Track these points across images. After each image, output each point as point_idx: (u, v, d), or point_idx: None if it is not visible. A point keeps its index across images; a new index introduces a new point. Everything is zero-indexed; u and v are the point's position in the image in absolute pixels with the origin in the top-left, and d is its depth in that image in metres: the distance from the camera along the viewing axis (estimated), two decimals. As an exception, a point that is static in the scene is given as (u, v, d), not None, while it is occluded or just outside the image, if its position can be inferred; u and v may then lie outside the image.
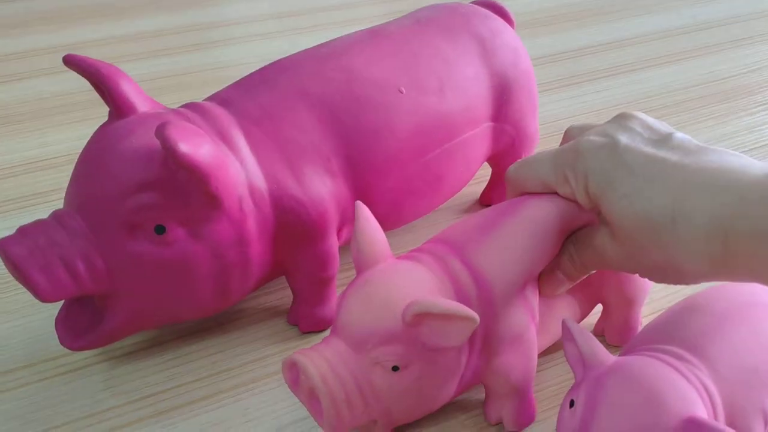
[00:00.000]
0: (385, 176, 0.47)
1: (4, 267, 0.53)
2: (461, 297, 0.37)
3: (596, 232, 0.38)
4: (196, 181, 0.38)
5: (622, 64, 0.82)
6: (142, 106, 0.42)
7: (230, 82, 0.77)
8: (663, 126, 0.38)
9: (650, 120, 0.38)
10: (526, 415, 0.41)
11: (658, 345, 0.37)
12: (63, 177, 0.62)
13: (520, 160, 0.43)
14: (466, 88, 0.50)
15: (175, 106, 0.73)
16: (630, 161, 0.36)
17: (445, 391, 0.38)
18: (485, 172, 0.63)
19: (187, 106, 0.44)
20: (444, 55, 0.50)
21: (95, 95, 0.74)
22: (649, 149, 0.36)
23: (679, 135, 0.37)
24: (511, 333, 0.38)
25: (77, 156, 0.65)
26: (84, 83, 0.76)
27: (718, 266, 0.33)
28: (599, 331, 0.47)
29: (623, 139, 0.37)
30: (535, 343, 0.40)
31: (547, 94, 0.76)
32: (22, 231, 0.39)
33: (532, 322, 0.39)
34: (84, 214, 0.39)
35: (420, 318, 0.34)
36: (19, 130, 0.68)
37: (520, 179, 0.41)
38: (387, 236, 0.56)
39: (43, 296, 0.38)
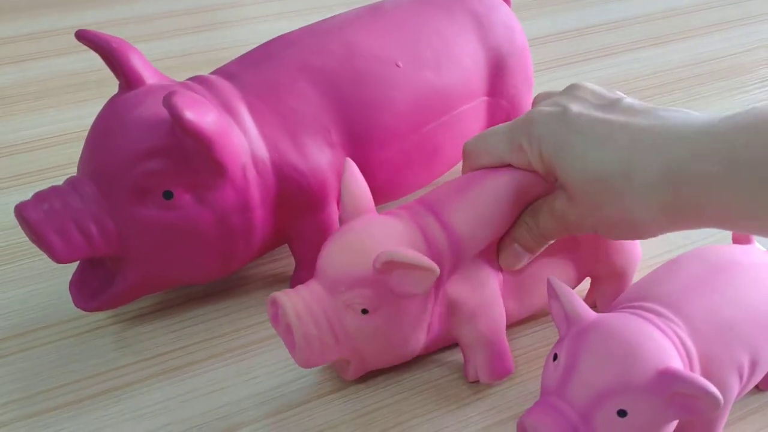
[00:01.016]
0: (384, 148, 0.49)
1: (19, 236, 0.55)
2: (432, 249, 0.40)
3: (554, 198, 0.40)
4: (201, 148, 0.40)
5: (620, 44, 0.84)
6: (150, 78, 0.44)
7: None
8: (611, 93, 0.40)
9: (598, 88, 0.41)
10: (500, 366, 0.43)
11: (638, 302, 0.39)
12: (78, 151, 0.64)
13: (477, 134, 0.44)
14: (461, 63, 0.52)
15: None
16: (581, 125, 0.38)
17: (414, 337, 0.40)
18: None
19: (193, 79, 0.46)
20: (441, 32, 0.52)
21: (106, 74, 0.76)
22: (598, 113, 0.38)
23: (627, 99, 0.39)
24: (475, 281, 0.41)
25: (77, 135, 0.67)
26: (94, 63, 0.78)
27: (669, 214, 0.35)
28: (590, 304, 0.49)
29: (574, 107, 0.39)
30: (497, 294, 0.42)
31: (545, 73, 0.78)
32: (38, 196, 0.41)
33: (494, 275, 0.42)
34: (96, 181, 0.41)
35: (389, 266, 0.37)
36: (34, 108, 0.71)
37: (477, 151, 0.43)
38: (381, 208, 0.58)
39: (58, 257, 0.40)
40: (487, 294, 0.42)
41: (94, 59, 0.79)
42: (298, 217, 0.47)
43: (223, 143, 0.41)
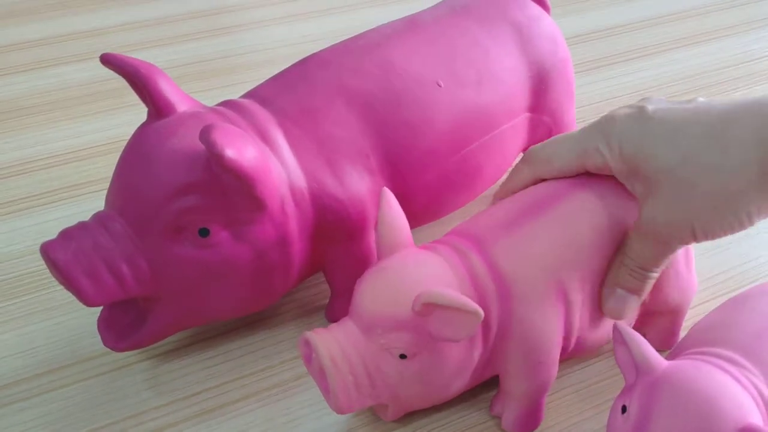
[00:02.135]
0: (423, 171, 0.47)
1: (41, 263, 0.53)
2: (478, 290, 0.37)
3: (640, 213, 0.38)
4: (241, 186, 0.38)
5: (656, 44, 0.81)
6: (181, 105, 0.41)
7: (253, 68, 0.76)
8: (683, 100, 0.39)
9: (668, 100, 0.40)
10: (529, 420, 0.41)
11: (709, 348, 0.36)
12: (94, 169, 0.62)
13: (545, 141, 0.43)
14: (503, 79, 0.49)
15: (201, 95, 0.72)
16: (662, 116, 0.37)
17: (456, 383, 0.38)
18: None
19: (225, 104, 0.44)
20: (481, 46, 0.49)
21: (122, 82, 0.74)
22: (677, 106, 0.38)
23: (702, 98, 0.38)
24: (530, 336, 0.38)
25: (108, 148, 0.64)
26: (109, 71, 0.76)
27: (766, 176, 0.34)
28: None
29: (650, 106, 0.38)
30: (556, 351, 0.39)
31: (578, 77, 0.75)
32: (65, 234, 0.39)
33: (558, 328, 0.39)
34: (127, 217, 0.39)
35: (428, 308, 0.34)
36: (48, 121, 0.68)
37: (547, 157, 0.41)
38: (420, 228, 0.55)
39: (88, 301, 0.38)
40: (546, 348, 0.39)
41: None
42: (336, 246, 0.45)
43: (264, 180, 0.38)
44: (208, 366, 0.46)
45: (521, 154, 0.58)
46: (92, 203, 0.58)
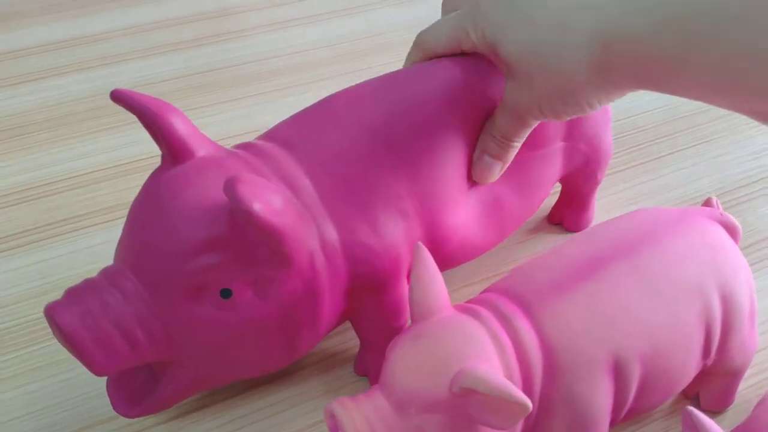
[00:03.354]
0: (457, 209, 0.43)
1: (41, 310, 0.49)
2: (523, 363, 0.34)
3: (503, 93, 0.41)
4: (268, 242, 0.34)
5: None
6: (198, 148, 0.38)
7: (263, 78, 0.72)
8: None
9: None
10: None
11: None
12: (101, 196, 0.58)
13: (434, 22, 0.45)
14: None
15: (208, 109, 0.68)
16: (521, 3, 0.38)
17: None
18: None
19: (244, 147, 0.40)
20: None
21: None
22: None
23: None
24: (577, 412, 0.35)
25: (115, 171, 0.60)
26: (114, 81, 0.71)
27: (603, 73, 0.35)
28: None
29: None
30: (604, 427, 0.36)
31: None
32: (72, 295, 0.35)
33: (608, 404, 0.36)
34: (140, 275, 0.35)
35: (468, 390, 0.31)
36: (46, 141, 0.64)
37: (428, 39, 0.44)
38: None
39: (98, 370, 0.35)
40: (593, 425, 0.35)
41: (115, 76, 0.72)
42: (367, 298, 0.41)
43: (293, 235, 0.35)
44: (234, 429, 0.42)
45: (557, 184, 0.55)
46: (99, 236, 0.54)
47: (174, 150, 0.37)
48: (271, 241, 0.34)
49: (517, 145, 0.42)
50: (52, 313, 0.34)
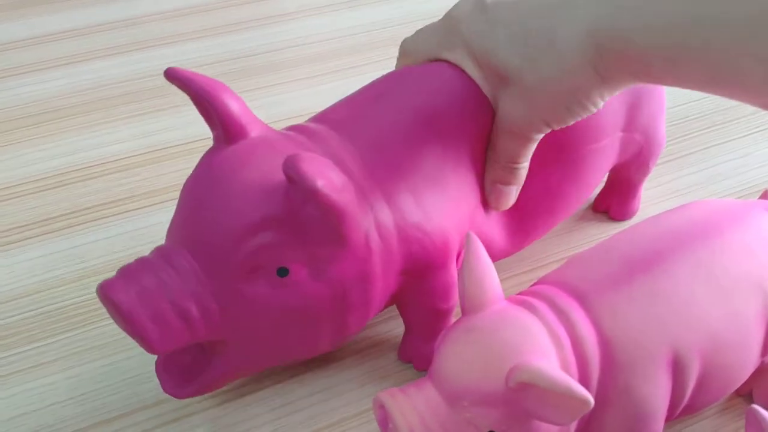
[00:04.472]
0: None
1: (83, 294, 0.48)
2: (579, 358, 0.33)
3: (497, 108, 0.39)
4: (328, 220, 0.34)
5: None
6: (252, 129, 0.37)
7: (300, 64, 0.71)
8: None
9: None
10: None
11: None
12: (138, 181, 0.57)
13: (416, 32, 0.44)
14: None
15: (245, 94, 0.67)
16: (502, 15, 0.38)
17: None
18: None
19: (294, 129, 0.40)
20: None
21: (163, 81, 0.69)
22: None
23: None
24: (634, 408, 0.34)
25: (152, 156, 0.60)
26: (150, 65, 0.71)
27: (601, 72, 0.35)
28: None
29: None
30: (660, 424, 0.35)
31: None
32: (126, 273, 0.34)
33: (665, 400, 0.35)
34: (195, 253, 0.35)
35: (525, 385, 0.30)
36: (81, 125, 0.63)
37: (414, 50, 0.43)
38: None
39: (154, 348, 0.34)
40: (650, 422, 0.34)
41: (150, 61, 0.71)
42: (417, 280, 0.40)
43: (353, 214, 0.34)
44: (275, 418, 0.41)
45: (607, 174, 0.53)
46: (136, 221, 0.54)
47: (228, 129, 0.36)
48: (332, 218, 0.34)
49: (526, 165, 0.41)
50: (107, 290, 0.33)
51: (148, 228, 0.53)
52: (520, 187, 0.42)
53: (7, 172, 0.58)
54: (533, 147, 0.40)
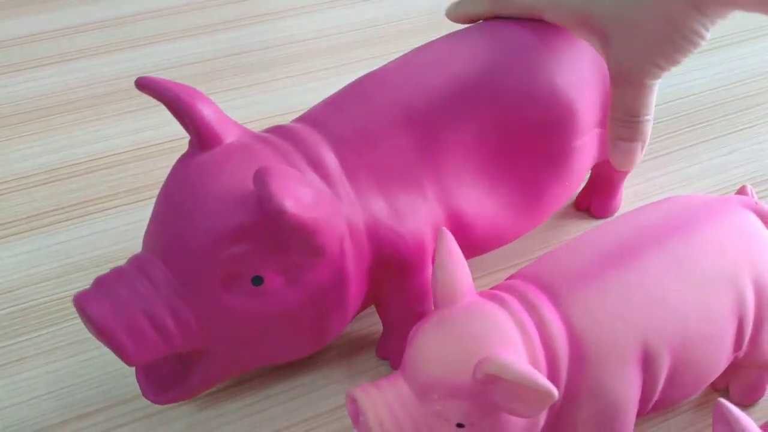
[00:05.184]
0: (484, 197, 0.43)
1: (66, 289, 0.49)
2: (548, 352, 0.33)
3: (607, 62, 0.40)
4: (301, 237, 0.34)
5: (720, 36, 0.74)
6: (227, 134, 0.37)
7: (293, 61, 0.71)
8: None
9: None
10: None
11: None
12: (125, 178, 0.58)
13: None
14: (576, 92, 0.44)
15: (236, 92, 0.67)
16: None
17: None
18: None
19: (273, 130, 0.40)
20: (555, 57, 0.44)
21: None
22: None
23: None
24: (604, 404, 0.34)
25: (140, 153, 0.60)
26: (142, 63, 0.71)
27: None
28: None
29: None
30: (631, 419, 0.35)
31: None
32: (101, 284, 0.35)
33: (636, 396, 0.35)
34: (170, 263, 0.35)
35: (492, 377, 0.30)
36: (70, 123, 0.64)
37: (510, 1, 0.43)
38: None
39: (130, 360, 0.34)
40: (620, 417, 0.34)
41: (142, 58, 0.72)
42: (392, 282, 0.41)
43: (326, 227, 0.34)
44: (251, 413, 0.42)
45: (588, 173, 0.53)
46: (121, 218, 0.54)
47: (202, 136, 0.36)
48: (304, 236, 0.34)
49: (649, 118, 0.41)
50: (82, 303, 0.34)
51: (133, 224, 0.53)
52: (646, 145, 0.42)
53: (-5, 169, 0.59)
54: (652, 97, 0.40)
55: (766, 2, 0.34)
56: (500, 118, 0.42)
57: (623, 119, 0.40)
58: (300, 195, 0.32)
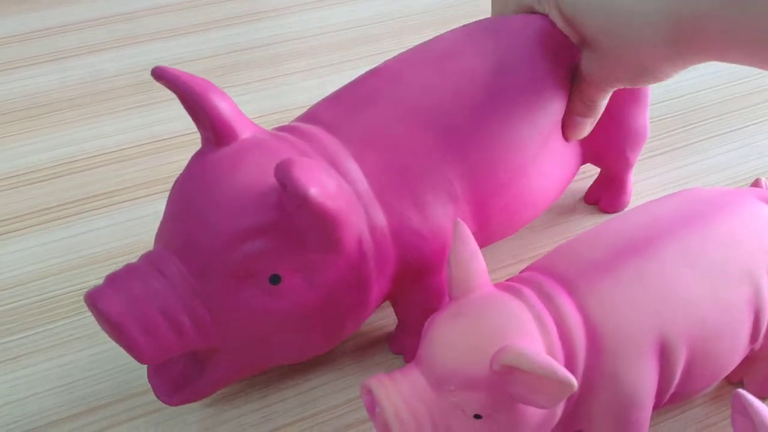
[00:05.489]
0: (505, 191, 0.42)
1: (77, 282, 0.49)
2: (565, 343, 0.33)
3: (581, 59, 0.43)
4: (321, 227, 0.33)
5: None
6: (243, 130, 0.36)
7: (296, 57, 0.71)
8: None
9: None
10: None
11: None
12: (132, 173, 0.57)
13: None
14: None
15: (239, 88, 0.67)
16: None
17: None
18: (591, 167, 0.57)
19: (287, 129, 0.39)
20: (561, 45, 0.44)
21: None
22: None
23: None
24: (621, 395, 0.34)
25: (147, 148, 0.60)
26: (145, 59, 0.71)
27: (673, 47, 0.37)
28: None
29: None
30: (648, 411, 0.35)
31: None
32: (113, 281, 0.33)
33: (653, 387, 0.34)
34: (186, 260, 0.34)
35: (510, 368, 0.30)
36: (76, 118, 0.63)
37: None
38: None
39: (144, 358, 0.33)
40: (637, 408, 0.34)
41: (145, 55, 0.71)
42: (412, 282, 0.40)
43: (347, 220, 0.33)
44: (264, 406, 0.41)
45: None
46: (129, 212, 0.54)
47: (218, 131, 0.35)
48: (325, 225, 0.33)
49: (603, 103, 0.44)
50: (94, 299, 0.33)
51: (140, 219, 0.53)
52: (595, 121, 0.45)
53: (2, 164, 0.58)
54: (610, 92, 0.43)
55: (755, 55, 0.35)
56: (507, 110, 0.41)
57: (583, 100, 0.43)
58: (324, 184, 0.32)
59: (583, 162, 0.49)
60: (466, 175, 0.40)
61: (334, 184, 0.33)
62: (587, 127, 0.45)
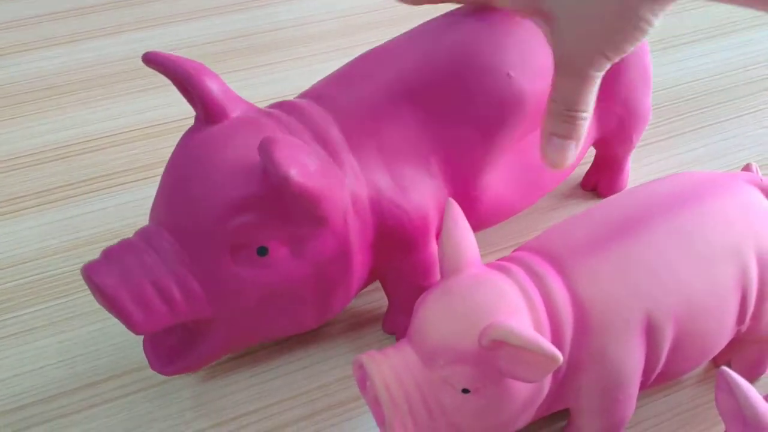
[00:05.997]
0: (487, 171, 0.43)
1: (79, 262, 0.50)
2: (553, 320, 0.34)
3: (552, 49, 0.38)
4: (305, 205, 0.34)
5: (730, 22, 0.75)
6: (233, 109, 0.37)
7: (293, 44, 0.72)
8: None
9: None
10: None
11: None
12: (135, 155, 0.58)
13: None
14: None
15: (237, 74, 0.68)
16: None
17: (522, 417, 0.35)
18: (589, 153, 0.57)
19: (278, 106, 0.40)
20: None
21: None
22: None
23: None
24: (608, 372, 0.35)
25: (150, 131, 0.61)
26: (152, 44, 0.72)
27: None
28: None
29: None
30: (635, 388, 0.36)
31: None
32: (109, 255, 0.35)
33: (639, 365, 0.35)
34: (177, 234, 0.35)
35: (498, 343, 0.31)
36: (82, 101, 0.64)
37: None
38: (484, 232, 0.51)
39: (137, 329, 0.35)
40: (624, 386, 0.35)
41: (153, 39, 0.72)
42: (397, 256, 0.41)
43: (330, 196, 0.35)
44: (256, 383, 0.43)
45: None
46: (131, 194, 0.55)
47: (208, 111, 0.37)
48: (308, 204, 0.34)
49: (586, 115, 0.38)
50: (90, 273, 0.34)
51: (142, 200, 0.54)
52: (580, 146, 0.39)
53: (7, 145, 0.59)
54: (594, 89, 0.38)
55: None
56: (496, 94, 0.42)
57: (561, 113, 0.38)
58: (304, 164, 0.33)
59: (592, 144, 0.49)
60: (445, 154, 0.41)
61: (315, 162, 0.34)
62: (571, 151, 0.39)
